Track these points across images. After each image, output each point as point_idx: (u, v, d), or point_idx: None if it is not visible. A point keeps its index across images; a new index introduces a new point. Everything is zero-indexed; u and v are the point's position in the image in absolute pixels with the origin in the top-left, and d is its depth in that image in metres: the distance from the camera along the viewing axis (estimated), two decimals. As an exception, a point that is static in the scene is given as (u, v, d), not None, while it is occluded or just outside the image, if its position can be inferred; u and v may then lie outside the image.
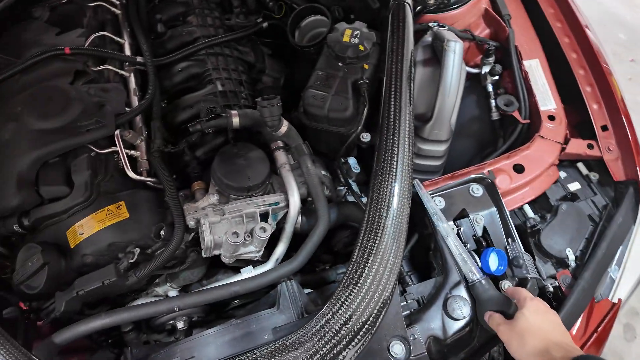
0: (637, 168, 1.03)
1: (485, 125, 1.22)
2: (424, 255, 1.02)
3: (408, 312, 0.88)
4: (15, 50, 1.09)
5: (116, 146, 0.92)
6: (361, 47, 1.02)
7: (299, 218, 0.97)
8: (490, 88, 1.18)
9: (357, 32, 1.05)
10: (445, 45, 0.95)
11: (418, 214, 0.97)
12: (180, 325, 0.99)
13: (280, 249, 0.96)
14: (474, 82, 1.23)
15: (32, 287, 0.83)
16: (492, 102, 1.17)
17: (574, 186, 1.09)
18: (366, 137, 1.00)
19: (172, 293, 1.01)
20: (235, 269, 1.01)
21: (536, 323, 0.76)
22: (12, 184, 0.86)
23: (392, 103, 0.96)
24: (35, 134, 0.90)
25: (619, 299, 0.93)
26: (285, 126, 0.91)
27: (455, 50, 0.94)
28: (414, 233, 1.02)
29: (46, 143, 0.89)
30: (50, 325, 0.94)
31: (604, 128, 1.08)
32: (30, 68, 1.03)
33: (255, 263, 0.99)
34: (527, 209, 1.07)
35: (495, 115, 1.17)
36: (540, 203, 1.08)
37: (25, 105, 0.94)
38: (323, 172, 1.09)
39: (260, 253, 0.94)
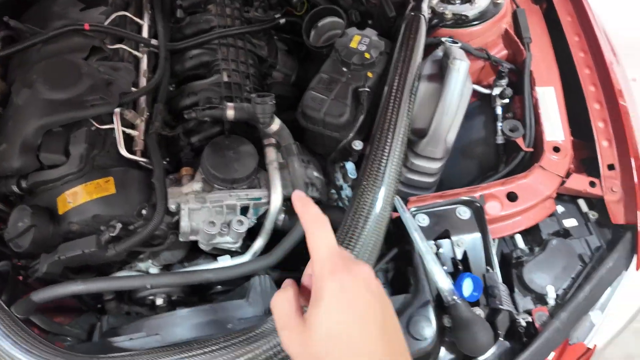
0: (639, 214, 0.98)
1: (490, 148, 1.19)
2: (403, 270, 1.02)
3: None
4: (42, 21, 1.15)
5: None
6: (367, 55, 1.01)
7: (281, 216, 0.98)
8: (499, 111, 1.15)
9: (365, 40, 1.05)
10: (450, 63, 0.93)
11: (401, 229, 0.96)
12: (159, 302, 1.03)
13: (259, 244, 0.98)
14: (484, 103, 1.21)
15: (19, 245, 0.88)
16: (499, 125, 1.14)
17: (570, 222, 1.05)
18: (358, 145, 0.99)
19: (153, 270, 1.04)
20: (216, 256, 1.04)
21: (343, 332, 0.44)
22: (17, 147, 0.92)
23: (389, 114, 0.95)
24: (45, 103, 0.95)
25: (594, 345, 0.90)
26: (277, 124, 0.92)
27: (459, 69, 0.92)
28: (395, 247, 1.01)
29: (52, 113, 0.94)
30: (38, 284, 1.00)
31: (611, 167, 1.03)
32: (51, 40, 1.08)
33: (234, 253, 1.02)
34: (519, 239, 1.04)
35: (500, 140, 1.14)
36: (533, 235, 1.05)
37: (41, 74, 0.99)
38: (315, 174, 1.10)
39: (238, 245, 0.96)
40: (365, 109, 1.00)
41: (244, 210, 0.93)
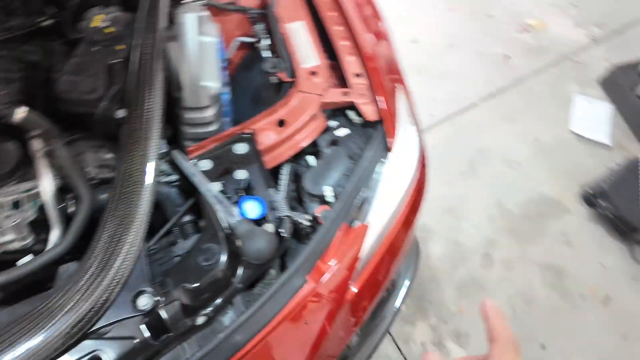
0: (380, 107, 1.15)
1: (271, 90, 1.30)
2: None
3: (168, 267, 0.95)
4: None
5: None
6: (107, 30, 1.06)
7: (69, 203, 1.01)
8: (266, 54, 1.26)
9: (109, 16, 1.09)
10: (178, 19, 1.01)
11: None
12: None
13: (54, 235, 0.99)
14: (256, 52, 1.31)
15: None
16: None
17: (343, 132, 1.19)
18: (121, 113, 1.04)
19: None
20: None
21: None
22: None
23: (139, 77, 1.01)
24: None
25: (369, 222, 1.05)
26: (21, 113, 0.94)
27: (184, 22, 1.00)
28: (191, 197, 1.08)
29: None
30: None
31: (358, 75, 1.19)
32: None
33: (37, 252, 1.02)
34: (311, 159, 1.17)
35: (274, 79, 1.26)
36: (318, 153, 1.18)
37: None
38: (108, 156, 1.13)
39: (27, 242, 0.96)
40: (120, 80, 1.04)
41: (17, 205, 0.94)
